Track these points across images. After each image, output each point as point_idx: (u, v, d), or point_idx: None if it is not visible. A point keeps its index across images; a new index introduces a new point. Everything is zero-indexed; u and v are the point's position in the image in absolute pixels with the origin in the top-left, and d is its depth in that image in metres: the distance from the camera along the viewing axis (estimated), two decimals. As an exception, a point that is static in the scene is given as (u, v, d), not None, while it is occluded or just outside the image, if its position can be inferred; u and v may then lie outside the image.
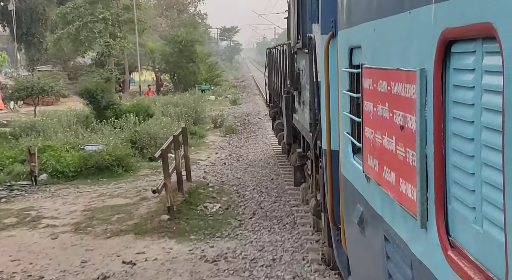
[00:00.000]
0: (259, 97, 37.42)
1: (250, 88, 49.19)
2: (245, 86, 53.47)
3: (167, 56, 44.57)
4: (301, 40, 7.63)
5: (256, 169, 14.64)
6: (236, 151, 17.66)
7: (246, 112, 28.65)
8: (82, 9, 42.31)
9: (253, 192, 12.09)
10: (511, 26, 1.73)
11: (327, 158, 5.31)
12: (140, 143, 16.36)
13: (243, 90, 47.80)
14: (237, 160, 15.99)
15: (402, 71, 2.82)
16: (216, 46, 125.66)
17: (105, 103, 19.91)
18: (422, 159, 2.55)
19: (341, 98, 4.59)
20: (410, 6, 2.72)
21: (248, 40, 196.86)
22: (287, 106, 9.96)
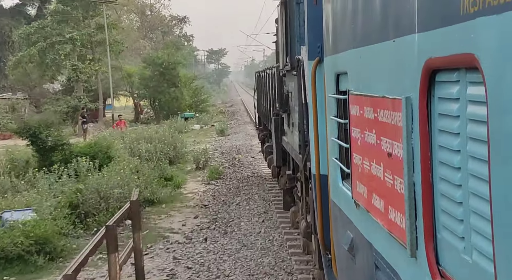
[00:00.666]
0: (250, 126, 31.48)
1: (239, 114, 44.35)
2: (234, 112, 48.49)
3: (146, 80, 40.43)
4: (289, 62, 7.67)
5: (252, 254, 9.29)
6: (224, 214, 12.29)
7: (236, 146, 23.74)
8: (49, 28, 37.13)
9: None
10: (493, 57, 1.73)
11: (316, 183, 5.29)
12: (84, 207, 11.28)
13: (232, 116, 43.17)
14: (224, 233, 10.76)
15: (388, 98, 2.83)
16: (203, 68, 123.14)
17: (51, 143, 14.62)
18: (410, 187, 2.54)
19: (329, 123, 4.59)
20: (394, 35, 2.73)
21: (236, 63, 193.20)
22: (276, 128, 9.97)
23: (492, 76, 1.74)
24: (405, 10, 2.54)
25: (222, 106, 56.42)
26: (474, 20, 1.82)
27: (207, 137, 28.89)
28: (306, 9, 5.59)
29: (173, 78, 40.03)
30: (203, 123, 36.07)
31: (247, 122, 36.06)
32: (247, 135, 28.14)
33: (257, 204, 12.74)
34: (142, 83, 40.93)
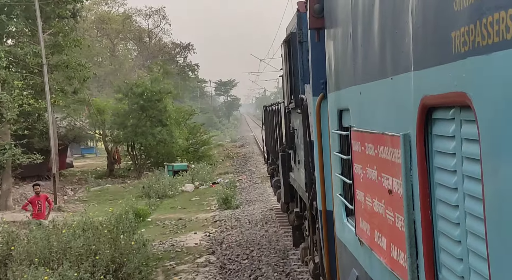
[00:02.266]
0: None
1: (253, 161, 31.90)
2: (246, 156, 35.66)
3: (122, 117, 28.69)
4: (293, 100, 7.71)
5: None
6: None
7: (252, 240, 12.33)
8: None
9: None
10: (485, 96, 1.75)
11: (322, 219, 5.26)
12: None
13: (243, 164, 30.90)
14: None
15: (387, 135, 2.84)
16: (211, 101, 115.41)
17: None
18: (411, 224, 2.52)
19: (332, 159, 4.59)
20: (392, 73, 2.76)
21: (247, 94, 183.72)
22: (283, 164, 9.95)
23: (484, 115, 1.75)
24: (401, 49, 2.57)
25: (231, 146, 45.97)
26: (465, 59, 1.85)
27: (203, 209, 17.43)
28: (310, 46, 5.67)
29: (159, 114, 28.47)
30: (200, 179, 23.40)
31: (266, 175, 20.17)
32: (268, 206, 16.12)
33: None
34: (116, 121, 28.90)
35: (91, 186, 25.77)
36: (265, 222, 14.26)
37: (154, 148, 28.54)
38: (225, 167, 30.47)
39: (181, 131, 31.02)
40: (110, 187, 24.74)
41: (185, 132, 31.82)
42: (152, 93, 28.47)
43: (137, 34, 66.66)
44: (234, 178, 23.59)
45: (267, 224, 13.98)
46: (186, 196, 20.56)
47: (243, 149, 41.82)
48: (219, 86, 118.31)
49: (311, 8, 4.61)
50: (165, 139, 28.00)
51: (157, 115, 28.48)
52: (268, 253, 11.06)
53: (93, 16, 60.26)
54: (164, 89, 29.47)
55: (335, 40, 4.25)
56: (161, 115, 28.59)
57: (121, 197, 19.56)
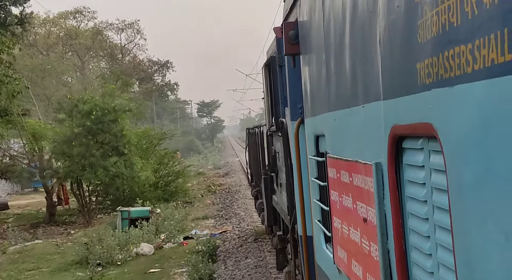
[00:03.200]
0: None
1: (241, 197, 24.21)
2: (232, 189, 27.83)
3: (63, 144, 20.42)
4: (275, 123, 7.72)
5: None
6: None
7: None
8: None
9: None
10: (450, 127, 1.74)
11: (303, 245, 5.21)
12: None
13: (229, 203, 23.00)
14: None
15: (360, 163, 2.83)
16: (193, 123, 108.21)
17: None
18: (385, 254, 2.49)
19: (311, 185, 4.57)
20: (363, 101, 2.76)
21: (232, 116, 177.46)
22: (266, 187, 9.91)
23: (449, 146, 1.75)
24: (371, 77, 2.58)
25: (214, 175, 38.23)
26: (430, 91, 1.85)
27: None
28: (287, 71, 5.69)
29: (113, 140, 20.70)
30: (167, 230, 16.13)
31: (260, 225, 15.54)
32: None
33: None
34: (56, 149, 20.85)
35: (11, 243, 17.22)
36: None
37: (109, 185, 20.92)
38: (205, 207, 22.76)
39: (147, 162, 23.38)
40: (38, 245, 16.94)
41: (153, 162, 24.27)
42: (104, 112, 20.27)
43: (108, 50, 59.92)
44: (215, 232, 16.37)
45: None
46: (142, 263, 13.54)
47: (228, 179, 33.44)
48: (202, 107, 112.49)
49: (286, 34, 4.63)
50: (122, 173, 20.13)
51: (111, 140, 20.51)
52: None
53: (60, 31, 56.19)
54: (120, 105, 20.88)
55: (310, 66, 4.26)
56: (117, 141, 20.60)
57: (48, 264, 14.26)
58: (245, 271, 11.77)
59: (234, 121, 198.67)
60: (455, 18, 1.62)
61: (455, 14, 1.62)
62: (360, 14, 2.72)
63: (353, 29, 2.89)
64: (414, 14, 1.93)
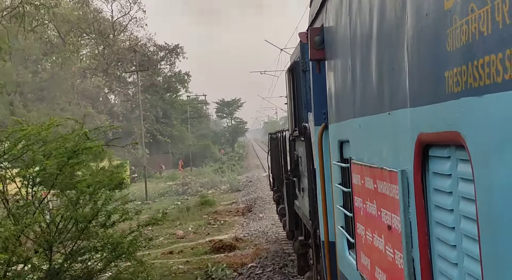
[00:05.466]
0: None
1: None
2: (267, 266, 11.60)
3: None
4: (297, 128, 7.72)
5: None
6: None
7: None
8: None
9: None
10: (478, 136, 1.73)
11: (325, 251, 5.20)
12: None
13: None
14: None
15: (385, 170, 2.82)
16: (212, 125, 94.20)
17: None
18: (409, 262, 2.48)
19: (334, 190, 4.56)
20: (389, 108, 2.76)
21: (256, 117, 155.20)
22: (288, 192, 9.91)
23: (477, 155, 1.74)
24: (398, 84, 2.57)
25: (227, 208, 23.65)
26: (458, 99, 1.84)
27: None
28: (312, 76, 5.69)
29: None
30: None
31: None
32: None
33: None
34: None
35: None
36: None
37: None
38: None
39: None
40: None
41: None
42: None
43: (96, 25, 43.87)
44: None
45: None
46: None
47: (254, 223, 18.40)
48: (221, 107, 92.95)
49: (311, 40, 4.64)
50: None
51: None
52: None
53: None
54: None
55: (335, 72, 4.26)
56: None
57: None
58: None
59: (258, 124, 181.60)
60: (485, 27, 1.61)
61: (485, 23, 1.61)
62: (387, 21, 2.72)
63: (380, 35, 2.88)
64: (443, 23, 1.92)
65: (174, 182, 41.77)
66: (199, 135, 72.59)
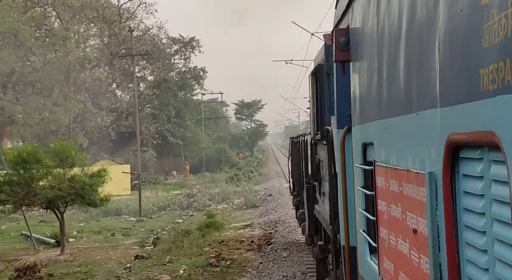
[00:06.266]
0: None
1: None
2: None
3: None
4: (319, 132, 7.65)
5: None
6: None
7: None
8: None
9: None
10: None
11: (345, 255, 5.12)
12: None
13: None
14: None
15: (412, 172, 2.74)
16: (230, 127, 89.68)
17: None
18: (436, 267, 2.40)
19: (356, 194, 4.49)
20: (417, 108, 2.69)
21: (277, 120, 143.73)
22: (308, 196, 9.83)
23: None
24: (428, 84, 2.50)
25: (238, 235, 17.64)
26: (494, 98, 1.77)
27: None
28: (335, 79, 5.63)
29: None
30: None
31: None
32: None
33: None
34: None
35: None
36: None
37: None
38: None
39: None
40: None
41: None
42: None
43: (99, 10, 39.93)
44: None
45: None
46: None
47: (272, 266, 12.79)
48: (241, 108, 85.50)
49: (336, 41, 4.58)
50: None
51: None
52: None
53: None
54: None
55: (361, 73, 4.20)
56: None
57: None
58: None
59: (278, 128, 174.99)
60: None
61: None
62: (418, 19, 2.65)
63: (409, 34, 2.82)
64: (479, 18, 1.86)
65: (182, 190, 36.53)
66: (216, 137, 68.05)
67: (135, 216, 26.12)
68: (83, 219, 25.21)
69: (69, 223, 21.82)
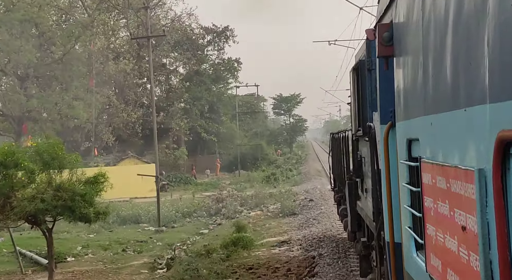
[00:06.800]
0: None
1: None
2: None
3: None
4: (361, 128, 7.61)
5: None
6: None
7: None
8: None
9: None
10: None
11: (390, 252, 5.09)
12: None
13: None
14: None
15: (460, 169, 2.71)
16: (270, 122, 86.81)
17: None
18: (487, 265, 2.38)
19: (401, 190, 4.45)
20: (465, 104, 2.66)
21: (316, 115, 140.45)
22: (350, 192, 9.79)
23: None
24: (476, 80, 2.47)
25: (275, 247, 15.34)
26: None
27: None
28: (378, 74, 5.59)
29: None
30: None
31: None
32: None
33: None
34: None
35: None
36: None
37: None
38: None
39: None
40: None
41: None
42: None
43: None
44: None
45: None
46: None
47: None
48: (279, 103, 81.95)
49: (380, 36, 4.55)
50: None
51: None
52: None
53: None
54: None
55: (405, 68, 4.16)
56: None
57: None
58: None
59: (318, 123, 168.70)
60: None
61: None
62: (465, 14, 2.62)
63: (456, 30, 2.78)
64: None
65: (214, 191, 32.37)
66: (253, 133, 62.54)
67: (154, 225, 22.92)
68: (95, 228, 20.79)
69: (77, 235, 19.64)
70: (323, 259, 12.83)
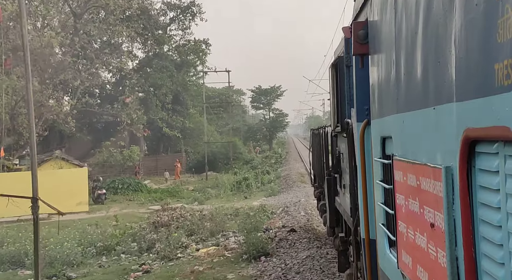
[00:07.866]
0: None
1: None
2: None
3: None
4: (340, 124, 7.64)
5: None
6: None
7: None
8: None
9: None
10: None
11: (365, 249, 5.13)
12: None
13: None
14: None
15: (429, 167, 2.74)
16: (248, 117, 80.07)
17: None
18: (453, 261, 2.41)
19: (375, 187, 4.49)
20: (434, 103, 2.68)
21: (298, 110, 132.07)
22: (329, 188, 9.83)
23: None
24: (444, 79, 2.50)
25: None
26: (509, 93, 1.77)
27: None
28: (354, 72, 5.61)
29: None
30: None
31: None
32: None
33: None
34: None
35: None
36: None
37: None
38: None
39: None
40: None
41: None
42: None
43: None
44: None
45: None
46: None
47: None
48: (258, 96, 74.56)
49: (355, 34, 4.57)
50: None
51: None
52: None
53: None
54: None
55: (379, 67, 4.18)
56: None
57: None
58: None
59: (299, 119, 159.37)
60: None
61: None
62: (434, 13, 2.64)
63: (426, 28, 2.81)
64: (493, 13, 1.85)
65: (173, 201, 25.30)
66: (229, 129, 55.33)
67: (45, 271, 12.91)
68: None
69: None
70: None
